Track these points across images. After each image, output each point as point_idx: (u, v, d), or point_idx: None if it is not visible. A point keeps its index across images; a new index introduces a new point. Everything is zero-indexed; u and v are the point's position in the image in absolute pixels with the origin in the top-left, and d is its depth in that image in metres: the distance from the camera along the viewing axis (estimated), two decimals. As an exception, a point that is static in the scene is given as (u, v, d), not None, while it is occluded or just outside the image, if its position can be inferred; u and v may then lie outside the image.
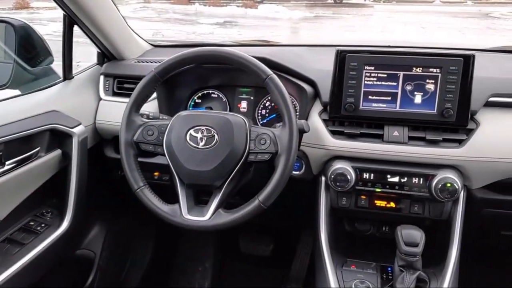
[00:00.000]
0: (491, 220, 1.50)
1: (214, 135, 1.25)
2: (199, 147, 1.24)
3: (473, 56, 1.30)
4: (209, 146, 1.24)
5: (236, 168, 1.24)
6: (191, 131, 1.26)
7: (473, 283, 1.64)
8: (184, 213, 1.25)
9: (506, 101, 1.38)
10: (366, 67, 1.38)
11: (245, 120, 1.29)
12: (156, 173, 1.70)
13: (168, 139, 1.28)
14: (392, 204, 1.45)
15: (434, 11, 15.83)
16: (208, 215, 1.23)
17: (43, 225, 1.52)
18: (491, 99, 1.38)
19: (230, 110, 1.69)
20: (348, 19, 14.80)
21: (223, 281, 2.26)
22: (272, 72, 1.26)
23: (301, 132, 1.29)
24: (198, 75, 1.66)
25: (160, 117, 1.41)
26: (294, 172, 1.52)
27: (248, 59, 1.26)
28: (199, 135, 1.25)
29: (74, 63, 1.68)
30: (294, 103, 1.60)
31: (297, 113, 1.57)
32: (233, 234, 2.32)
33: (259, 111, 1.67)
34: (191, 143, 1.25)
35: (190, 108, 1.72)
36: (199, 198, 1.31)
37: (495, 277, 1.94)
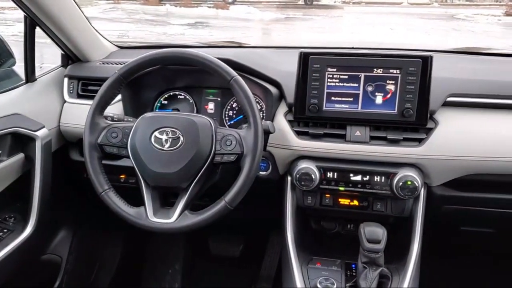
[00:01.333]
0: (451, 216, 1.55)
1: (179, 137, 1.25)
2: (164, 149, 1.25)
3: (431, 57, 1.35)
4: (174, 147, 1.24)
5: (202, 170, 1.25)
6: (156, 133, 1.26)
7: (434, 278, 1.69)
8: (149, 215, 1.25)
9: (463, 101, 1.43)
10: (329, 69, 1.41)
11: (211, 122, 1.30)
12: (122, 176, 1.69)
13: (133, 141, 1.27)
14: (356, 202, 1.48)
15: (402, 13, 16.16)
16: (174, 217, 1.23)
17: (5, 230, 1.49)
18: (449, 99, 1.43)
19: (197, 112, 1.70)
20: (319, 21, 14.96)
21: (193, 282, 2.26)
22: (236, 74, 1.27)
23: (267, 133, 1.31)
24: (164, 77, 1.66)
25: (125, 119, 1.40)
26: (261, 172, 1.54)
27: (212, 61, 1.27)
28: (164, 137, 1.25)
29: (37, 65, 1.65)
30: (260, 104, 1.61)
31: (264, 114, 1.60)
32: (203, 235, 2.32)
33: (227, 112, 1.68)
34: (156, 145, 1.25)
35: (157, 110, 1.72)
36: (166, 200, 1.31)
37: (455, 272, 2.00)
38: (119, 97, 1.60)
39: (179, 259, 2.27)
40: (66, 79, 1.74)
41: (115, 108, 1.60)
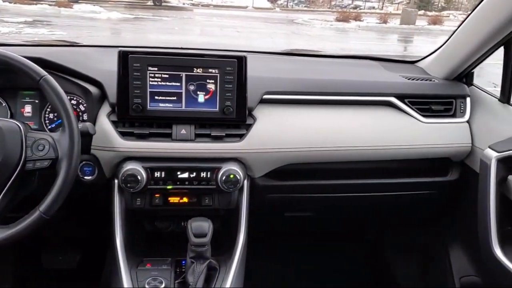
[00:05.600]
0: (275, 204, 1.67)
1: None
2: None
3: (245, 57, 1.43)
4: None
5: (12, 179, 1.15)
6: None
7: (261, 265, 1.81)
8: None
9: (277, 98, 1.55)
10: (150, 68, 1.40)
11: (20, 126, 1.20)
12: None
13: None
14: (185, 199, 1.50)
15: (247, 16, 17.00)
16: None
17: None
18: (265, 96, 1.53)
19: (11, 116, 1.55)
20: (169, 22, 14.98)
21: None
22: (46, 73, 1.20)
23: (86, 135, 1.27)
24: None
25: None
26: (86, 177, 1.47)
27: (17, 59, 1.18)
28: None
29: None
30: (84, 105, 1.54)
31: (86, 116, 1.53)
32: (34, 249, 2.13)
33: (46, 115, 1.57)
34: None
35: None
36: None
37: (281, 257, 2.17)
38: None
39: (7, 278, 2.05)
40: None
41: None
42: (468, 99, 1.68)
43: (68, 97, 1.41)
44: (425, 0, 25.27)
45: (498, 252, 1.41)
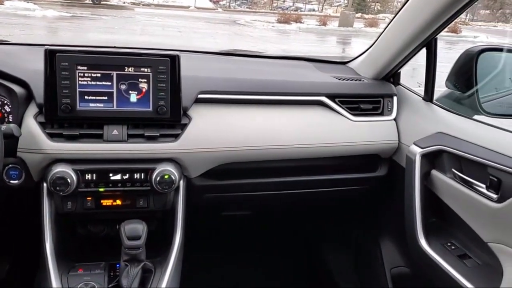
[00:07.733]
0: (213, 204, 1.67)
1: None
2: None
3: (178, 56, 1.42)
4: None
5: None
6: None
7: (198, 264, 1.81)
8: None
9: (212, 98, 1.56)
10: (79, 67, 1.36)
11: None
12: None
13: None
14: (119, 202, 1.47)
15: (190, 16, 16.89)
16: None
17: None
18: (200, 96, 1.53)
19: None
20: (108, 21, 14.62)
21: None
22: None
23: (10, 137, 1.21)
24: None
25: None
26: (12, 181, 1.40)
27: None
28: None
29: None
30: (10, 106, 1.47)
31: (11, 117, 1.46)
32: None
33: None
34: None
35: None
36: None
37: (219, 256, 2.17)
38: None
39: None
40: None
41: None
42: (395, 98, 1.77)
43: None
44: (362, 3, 26.25)
45: (423, 242, 1.49)
